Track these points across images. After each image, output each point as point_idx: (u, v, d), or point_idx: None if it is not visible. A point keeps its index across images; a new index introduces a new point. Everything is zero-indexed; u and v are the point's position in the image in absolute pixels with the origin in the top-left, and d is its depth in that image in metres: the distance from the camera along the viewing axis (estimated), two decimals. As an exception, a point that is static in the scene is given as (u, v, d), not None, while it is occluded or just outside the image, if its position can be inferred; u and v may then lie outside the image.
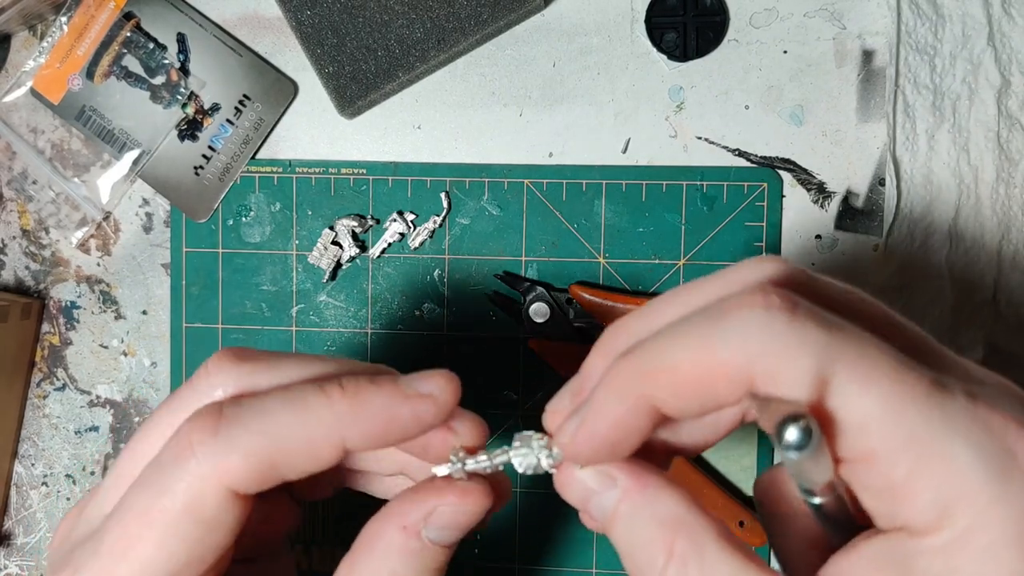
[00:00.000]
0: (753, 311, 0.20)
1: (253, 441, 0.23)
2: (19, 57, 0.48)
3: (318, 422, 0.23)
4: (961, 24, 0.42)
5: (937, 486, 0.19)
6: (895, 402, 0.19)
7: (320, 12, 0.44)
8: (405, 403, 0.24)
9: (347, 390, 0.24)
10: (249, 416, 0.23)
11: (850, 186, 0.45)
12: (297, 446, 0.23)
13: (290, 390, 0.24)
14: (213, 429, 0.23)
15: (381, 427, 0.24)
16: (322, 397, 0.23)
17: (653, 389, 0.22)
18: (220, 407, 0.23)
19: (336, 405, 0.23)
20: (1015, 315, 0.43)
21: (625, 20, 0.45)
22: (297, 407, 0.23)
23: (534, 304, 0.45)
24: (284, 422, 0.23)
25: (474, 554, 0.46)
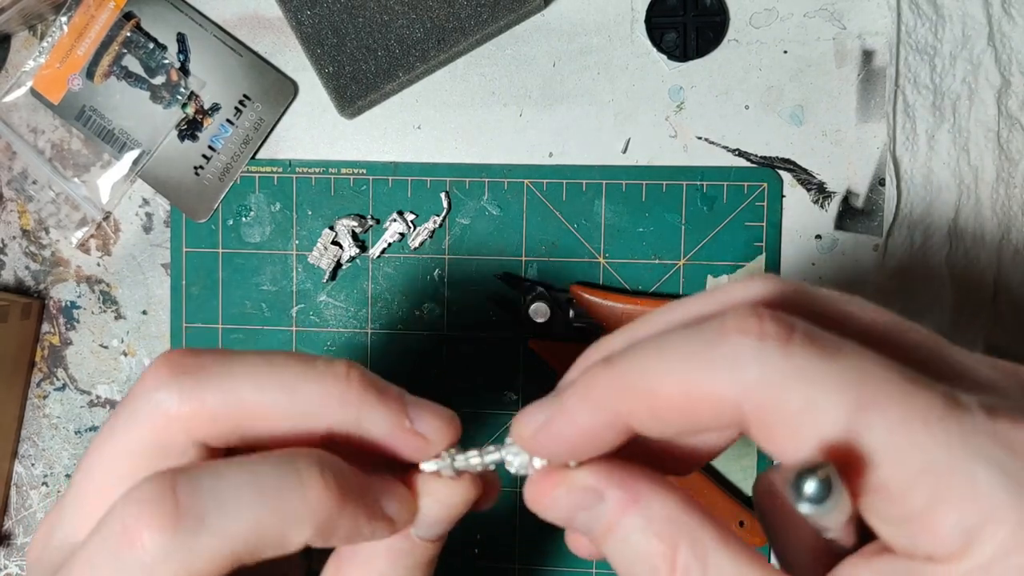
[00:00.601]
0: (746, 339, 0.19)
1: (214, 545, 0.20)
2: (19, 57, 0.48)
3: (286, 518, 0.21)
4: (961, 24, 0.42)
5: (960, 513, 0.18)
6: (906, 428, 0.18)
7: (320, 12, 0.44)
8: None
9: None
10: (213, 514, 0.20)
11: (850, 186, 0.45)
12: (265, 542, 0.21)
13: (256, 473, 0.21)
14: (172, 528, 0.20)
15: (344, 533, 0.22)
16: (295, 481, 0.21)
17: (630, 407, 0.20)
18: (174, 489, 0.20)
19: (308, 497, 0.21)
20: (1015, 315, 0.43)
21: (625, 20, 0.45)
22: (264, 497, 0.20)
23: (534, 304, 0.45)
24: (252, 517, 0.20)
25: (474, 554, 0.46)
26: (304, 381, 0.22)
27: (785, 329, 0.19)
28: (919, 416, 0.18)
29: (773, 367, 0.18)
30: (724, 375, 0.19)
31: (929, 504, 0.18)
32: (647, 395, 0.20)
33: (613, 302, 0.43)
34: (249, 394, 0.22)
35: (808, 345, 0.19)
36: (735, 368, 0.19)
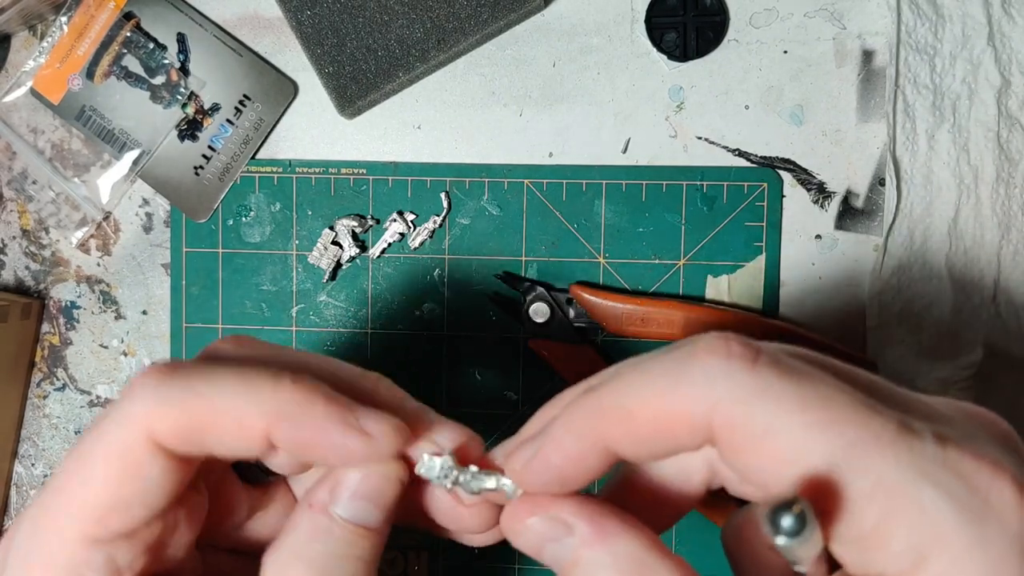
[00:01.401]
0: (714, 359, 0.20)
1: (187, 399, 0.22)
2: (19, 57, 0.48)
3: (254, 404, 0.23)
4: (961, 24, 0.42)
5: (908, 534, 0.19)
6: (860, 449, 0.19)
7: (320, 12, 0.44)
8: (341, 432, 0.23)
9: (296, 387, 0.23)
10: (196, 376, 0.23)
11: (850, 186, 0.45)
12: (228, 419, 0.23)
13: (245, 367, 0.23)
14: (158, 382, 0.23)
15: (309, 438, 0.23)
16: (269, 383, 0.23)
17: (609, 431, 0.21)
18: (176, 363, 0.24)
19: (280, 395, 0.23)
20: (1015, 315, 0.43)
21: (625, 20, 0.45)
22: (243, 383, 0.23)
23: (534, 304, 0.45)
24: (224, 392, 0.23)
25: (474, 554, 0.46)
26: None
27: (751, 351, 0.20)
28: (872, 437, 0.19)
29: (740, 385, 0.20)
30: (695, 392, 0.20)
31: (880, 522, 0.19)
32: (626, 417, 0.21)
33: (613, 302, 0.43)
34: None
35: (773, 366, 0.20)
36: (705, 385, 0.20)
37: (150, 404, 0.23)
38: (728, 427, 0.20)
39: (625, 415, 0.21)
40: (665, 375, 0.21)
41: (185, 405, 0.23)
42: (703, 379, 0.20)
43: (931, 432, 0.19)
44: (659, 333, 0.43)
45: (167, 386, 0.23)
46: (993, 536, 0.19)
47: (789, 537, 0.18)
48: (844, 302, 0.45)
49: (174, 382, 0.23)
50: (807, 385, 0.20)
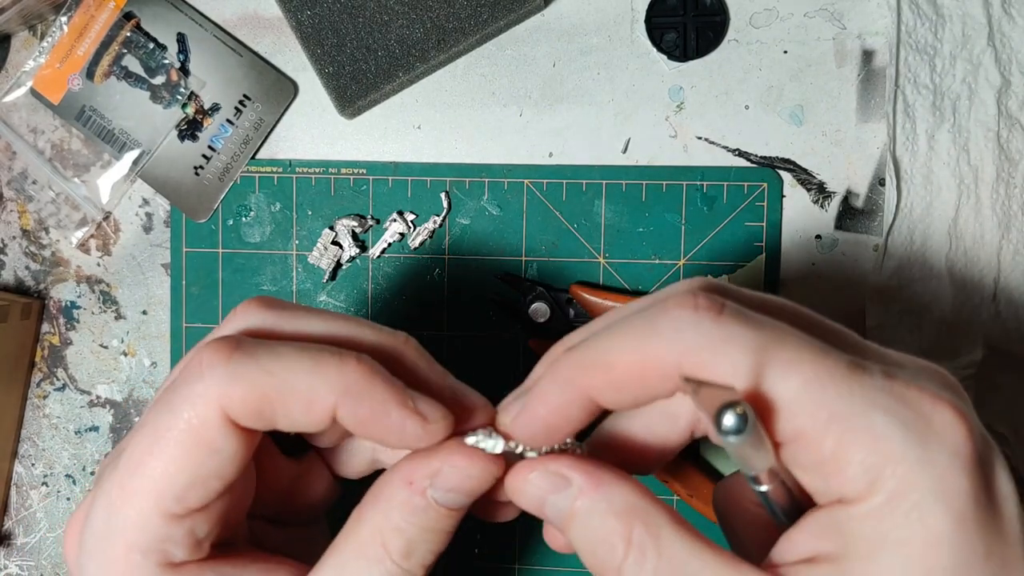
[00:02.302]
0: (683, 311, 0.22)
1: (258, 377, 0.24)
2: (19, 57, 0.48)
3: (322, 381, 0.24)
4: (961, 24, 0.42)
5: (862, 456, 0.21)
6: (816, 383, 0.21)
7: (320, 12, 0.44)
8: (401, 412, 0.25)
9: (360, 367, 0.25)
10: (262, 353, 0.24)
11: (850, 186, 0.45)
12: (296, 396, 0.24)
13: (309, 346, 0.25)
14: (226, 357, 0.24)
15: (370, 417, 0.25)
16: (335, 361, 0.24)
17: (591, 381, 0.23)
18: (239, 339, 0.24)
19: (345, 375, 0.24)
20: (1015, 315, 0.43)
21: (625, 20, 0.45)
22: (310, 361, 0.24)
23: (534, 304, 0.45)
24: (293, 368, 0.24)
25: (474, 554, 0.46)
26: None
27: (716, 304, 0.22)
28: (826, 373, 0.21)
29: (706, 333, 0.22)
30: (665, 343, 0.22)
31: (837, 449, 0.21)
32: (605, 368, 0.23)
33: (613, 302, 0.43)
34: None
35: (735, 316, 0.22)
36: (674, 336, 0.22)
37: (223, 382, 0.24)
38: (696, 372, 0.22)
39: (604, 366, 0.23)
40: (639, 328, 0.23)
41: (257, 382, 0.24)
42: (672, 330, 0.22)
43: (879, 369, 0.22)
44: (659, 333, 0.43)
45: (237, 363, 0.24)
46: (937, 453, 0.21)
47: (732, 435, 0.20)
48: (844, 302, 0.45)
49: (244, 360, 0.24)
50: (767, 332, 0.22)
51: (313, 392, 0.24)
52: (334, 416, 0.25)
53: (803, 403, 0.21)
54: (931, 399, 0.21)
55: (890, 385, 0.21)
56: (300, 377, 0.24)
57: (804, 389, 0.21)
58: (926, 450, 0.21)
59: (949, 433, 0.21)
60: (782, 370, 0.21)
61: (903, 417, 0.21)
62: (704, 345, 0.22)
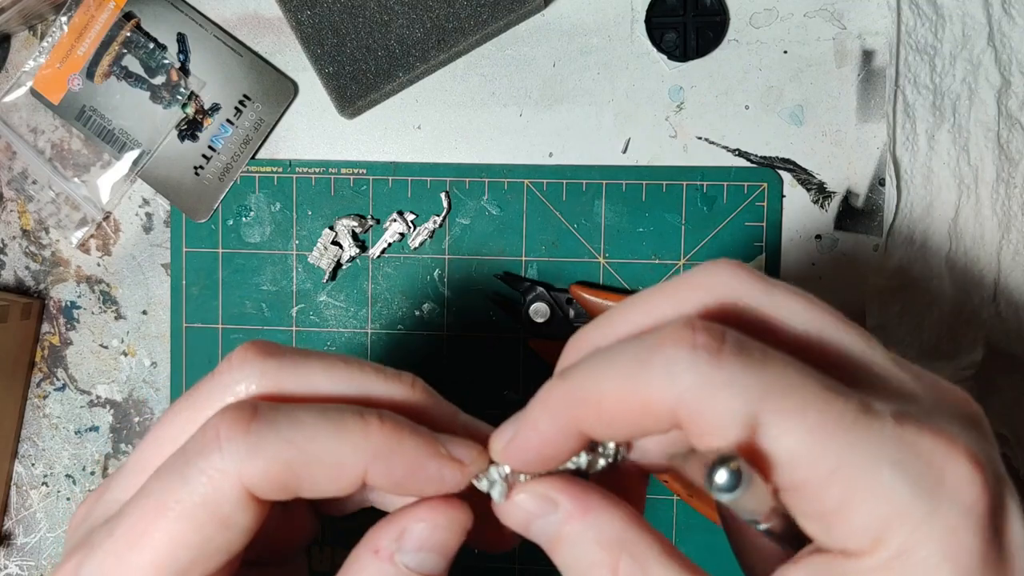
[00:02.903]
0: (678, 350, 0.20)
1: (281, 449, 0.22)
2: (19, 57, 0.48)
3: (350, 448, 0.23)
4: (961, 24, 0.42)
5: (868, 511, 0.20)
6: (820, 433, 0.20)
7: (320, 12, 0.44)
8: (434, 461, 0.24)
9: (385, 426, 0.23)
10: (283, 423, 0.23)
11: (850, 186, 0.45)
12: (323, 465, 0.23)
13: (328, 409, 0.23)
14: (245, 428, 0.22)
15: (404, 474, 0.23)
16: (359, 424, 0.23)
17: (582, 415, 0.22)
18: (256, 407, 0.23)
19: (371, 437, 0.23)
20: (1015, 315, 0.43)
21: (625, 20, 0.45)
22: (333, 427, 0.23)
23: (534, 304, 0.45)
24: (317, 437, 0.23)
25: (474, 554, 0.46)
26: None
27: (716, 340, 0.20)
28: (832, 421, 0.20)
29: (704, 375, 0.20)
30: (660, 383, 0.20)
31: (841, 502, 0.20)
32: (596, 403, 0.22)
33: (613, 302, 0.43)
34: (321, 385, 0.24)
35: (736, 355, 0.20)
36: (668, 377, 0.20)
37: (244, 456, 0.22)
38: (693, 417, 0.20)
39: (594, 402, 0.22)
40: (631, 365, 0.21)
41: (280, 455, 0.22)
42: (667, 370, 0.20)
43: (891, 412, 0.20)
44: (659, 333, 0.43)
45: (257, 434, 0.22)
46: (947, 509, 0.19)
47: (724, 492, 0.19)
48: (844, 302, 0.45)
49: (264, 431, 0.23)
50: (769, 375, 0.20)
51: (341, 460, 0.23)
52: (364, 480, 0.23)
53: (805, 455, 0.20)
54: (945, 447, 0.20)
55: (900, 432, 0.20)
56: (325, 446, 0.23)
57: (806, 441, 0.20)
58: (936, 506, 0.19)
59: (962, 487, 0.20)
60: (783, 420, 0.20)
61: (913, 470, 0.20)
62: (699, 391, 0.20)
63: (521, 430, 0.24)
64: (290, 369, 0.25)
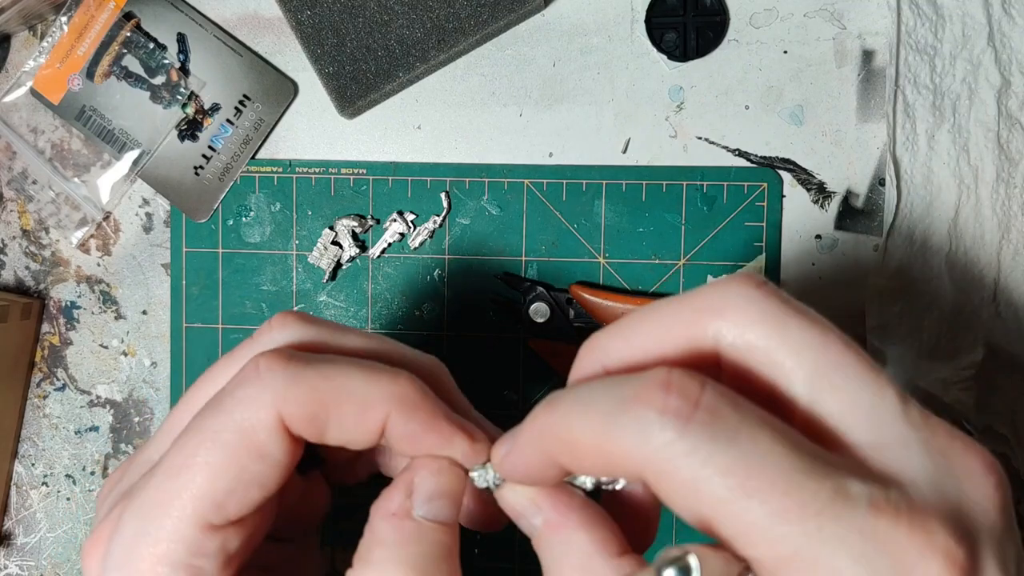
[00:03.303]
0: (648, 412, 0.20)
1: (317, 381, 0.24)
2: (19, 57, 0.48)
3: (378, 392, 0.24)
4: (961, 24, 0.42)
5: None
6: (783, 519, 0.19)
7: (320, 12, 0.44)
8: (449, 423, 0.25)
9: (413, 382, 0.25)
10: (320, 362, 0.24)
11: (850, 186, 0.45)
12: (352, 403, 0.24)
13: (361, 360, 0.25)
14: (285, 361, 0.24)
15: (422, 428, 0.25)
16: (389, 375, 0.25)
17: (558, 452, 0.23)
18: (290, 350, 0.24)
19: (400, 386, 0.24)
20: (1015, 315, 0.43)
21: (625, 20, 0.45)
22: (365, 372, 0.24)
23: (534, 304, 0.45)
24: (351, 377, 0.24)
25: (474, 554, 0.46)
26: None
27: (688, 405, 0.20)
28: (798, 506, 0.19)
29: (668, 444, 0.20)
30: (628, 442, 0.20)
31: None
32: (570, 445, 0.22)
33: (613, 302, 0.43)
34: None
35: (706, 425, 0.20)
36: (636, 437, 0.20)
37: (282, 384, 0.23)
38: (657, 479, 0.20)
39: (570, 443, 0.22)
40: (603, 417, 0.21)
41: (317, 386, 0.24)
42: (635, 430, 0.20)
43: (867, 498, 0.19)
44: (659, 333, 0.43)
45: (297, 367, 0.24)
46: None
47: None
48: (844, 302, 0.45)
49: (304, 365, 0.24)
50: (738, 448, 0.20)
51: (369, 401, 0.24)
52: (383, 430, 0.24)
53: (765, 535, 0.19)
54: (920, 545, 0.19)
55: (873, 523, 0.19)
56: (357, 385, 0.24)
57: (767, 522, 0.19)
58: None
59: None
60: (747, 499, 0.19)
61: (876, 565, 0.19)
62: (665, 456, 0.20)
63: (513, 449, 0.25)
64: (327, 336, 0.26)
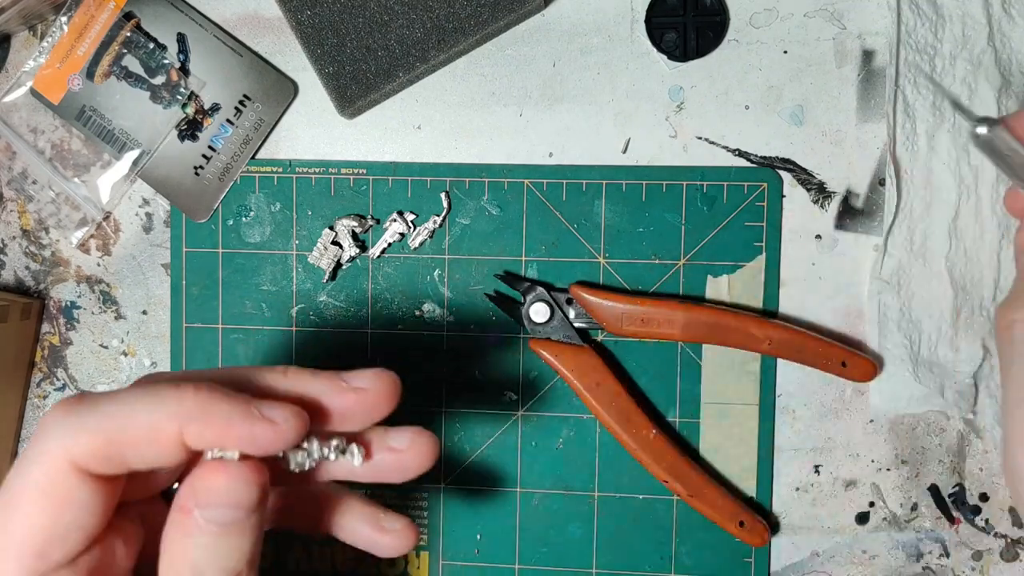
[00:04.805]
0: None
1: (100, 422, 0.24)
2: (19, 57, 0.48)
3: (163, 411, 0.25)
4: (961, 24, 0.42)
5: None
6: None
7: (320, 12, 0.44)
8: (246, 421, 0.26)
9: (199, 392, 0.25)
10: (103, 401, 0.25)
11: (850, 186, 0.45)
12: (140, 431, 0.25)
13: (148, 386, 0.26)
14: (66, 411, 0.25)
15: (218, 434, 0.25)
16: (172, 391, 0.25)
17: None
18: (81, 394, 0.25)
19: (184, 400, 0.25)
20: (1015, 315, 0.43)
21: (625, 20, 0.45)
22: (148, 397, 0.25)
23: (534, 304, 0.45)
24: (133, 407, 0.25)
25: (474, 555, 0.46)
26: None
27: None
28: None
29: None
30: None
31: None
32: None
33: (613, 302, 0.43)
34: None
35: None
36: None
37: (64, 433, 0.24)
38: None
39: None
40: None
41: (97, 426, 0.24)
42: None
43: None
44: (659, 333, 0.43)
45: (76, 414, 0.25)
46: None
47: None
48: (844, 302, 0.45)
49: (81, 408, 0.25)
50: None
51: (155, 424, 0.25)
52: (185, 445, 0.25)
53: None
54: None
55: None
56: (140, 414, 0.25)
57: None
58: None
59: None
60: None
61: None
62: None
63: None
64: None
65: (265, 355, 0.47)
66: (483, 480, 0.46)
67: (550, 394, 0.46)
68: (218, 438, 0.25)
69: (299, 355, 0.47)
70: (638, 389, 0.45)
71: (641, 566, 0.45)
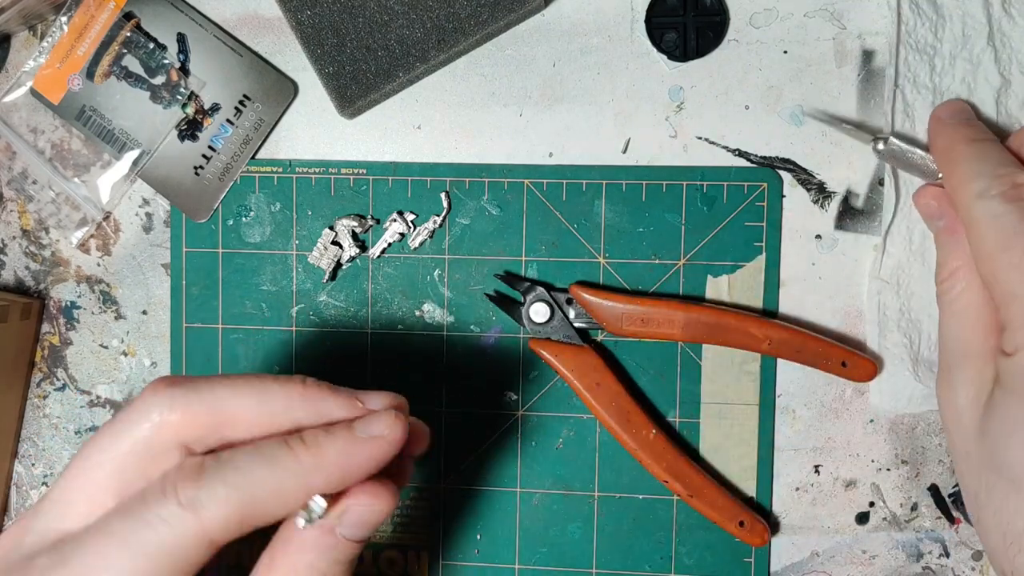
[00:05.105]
0: None
1: (231, 495, 0.26)
2: (19, 57, 0.48)
3: (287, 475, 0.27)
4: (961, 24, 0.42)
5: None
6: None
7: (320, 12, 0.44)
8: (361, 448, 0.28)
9: (308, 445, 0.27)
10: (227, 471, 0.26)
11: (850, 186, 0.45)
12: (270, 498, 0.27)
13: (259, 446, 0.27)
14: (196, 479, 0.26)
15: (341, 472, 0.28)
16: (288, 452, 0.27)
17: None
18: (202, 460, 0.27)
19: (301, 459, 0.27)
20: (1015, 315, 0.43)
21: (625, 20, 0.45)
22: (267, 463, 0.27)
23: (534, 304, 0.45)
24: (258, 477, 0.26)
25: (474, 555, 0.46)
26: (272, 386, 0.29)
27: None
28: None
29: None
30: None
31: None
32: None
33: (613, 302, 0.43)
34: (228, 402, 0.28)
35: None
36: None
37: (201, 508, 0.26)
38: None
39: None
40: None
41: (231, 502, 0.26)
42: None
43: None
44: (659, 333, 0.43)
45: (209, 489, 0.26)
46: None
47: None
48: (844, 302, 0.45)
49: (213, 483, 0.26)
50: None
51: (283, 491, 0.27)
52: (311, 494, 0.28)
53: None
54: None
55: None
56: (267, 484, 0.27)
57: None
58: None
59: None
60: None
61: None
62: None
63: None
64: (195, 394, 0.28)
65: (265, 355, 0.47)
66: (483, 480, 0.46)
67: (550, 394, 0.46)
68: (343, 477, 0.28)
69: (299, 355, 0.47)
70: (638, 389, 0.45)
71: (641, 566, 0.45)
